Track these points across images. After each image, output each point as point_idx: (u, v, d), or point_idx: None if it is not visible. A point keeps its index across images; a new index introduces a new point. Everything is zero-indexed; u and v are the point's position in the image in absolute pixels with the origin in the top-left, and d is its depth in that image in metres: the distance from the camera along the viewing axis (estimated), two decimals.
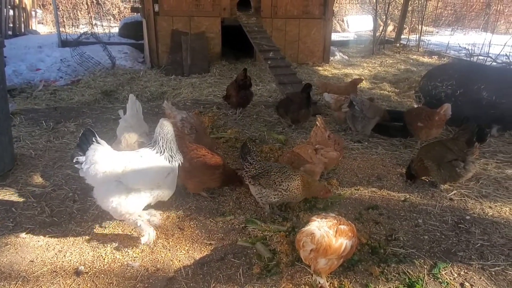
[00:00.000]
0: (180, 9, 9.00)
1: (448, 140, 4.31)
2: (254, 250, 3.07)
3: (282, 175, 3.34)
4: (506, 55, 9.51)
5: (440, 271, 2.88)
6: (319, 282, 2.69)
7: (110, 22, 14.28)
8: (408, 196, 3.93)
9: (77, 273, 2.79)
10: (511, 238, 3.31)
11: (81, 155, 2.83)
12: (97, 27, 12.76)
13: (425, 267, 2.93)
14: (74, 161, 2.82)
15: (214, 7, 9.24)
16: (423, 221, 3.52)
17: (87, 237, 3.17)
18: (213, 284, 2.73)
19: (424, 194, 4.01)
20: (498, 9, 17.93)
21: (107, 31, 12.16)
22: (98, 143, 2.87)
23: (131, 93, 4.13)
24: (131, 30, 11.13)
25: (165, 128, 3.14)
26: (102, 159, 2.84)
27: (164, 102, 4.60)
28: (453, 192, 4.04)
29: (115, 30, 12.73)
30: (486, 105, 5.55)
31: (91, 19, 13.52)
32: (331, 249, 2.50)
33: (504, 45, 10.31)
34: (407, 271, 2.87)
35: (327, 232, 2.51)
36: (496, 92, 5.55)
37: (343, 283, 2.73)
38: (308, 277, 2.78)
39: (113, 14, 15.30)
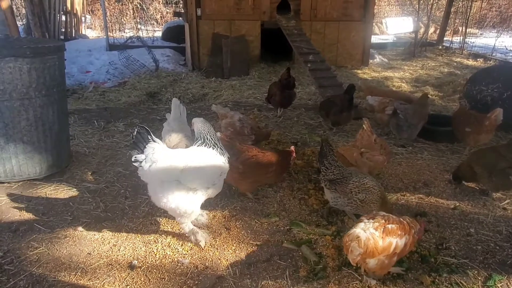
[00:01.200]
0: (221, 13, 9.19)
1: (501, 146, 4.13)
2: (300, 253, 3.08)
3: (361, 186, 3.24)
4: None
5: (495, 284, 2.76)
6: (370, 283, 2.69)
7: (153, 27, 14.81)
8: (458, 204, 3.80)
9: (131, 267, 2.91)
10: None
11: (139, 154, 2.84)
12: (141, 31, 13.27)
13: (479, 278, 2.83)
14: (133, 159, 2.85)
15: (254, 10, 9.36)
16: (475, 230, 3.39)
17: (139, 233, 3.31)
18: (261, 285, 2.77)
19: (475, 202, 3.86)
20: None
21: (151, 35, 12.63)
22: (155, 141, 2.88)
23: (174, 97, 4.25)
24: (173, 34, 11.52)
25: (206, 124, 3.12)
26: (162, 158, 2.86)
27: (212, 105, 4.72)
28: (506, 201, 3.87)
29: (159, 34, 13.18)
30: None
31: (136, 23, 14.09)
32: (378, 250, 2.51)
33: None
34: (460, 281, 2.78)
35: (373, 234, 2.53)
36: None
37: None
38: (356, 283, 2.75)
39: (156, 19, 15.88)
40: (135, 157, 2.85)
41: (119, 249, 3.11)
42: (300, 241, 3.22)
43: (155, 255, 3.05)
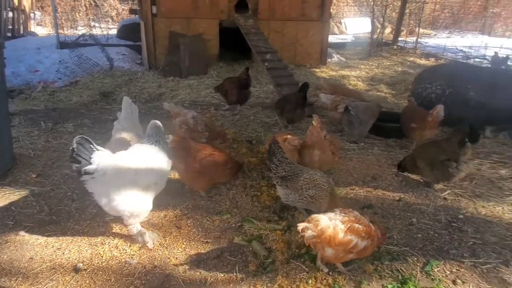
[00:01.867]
0: (178, 11, 9.05)
1: (442, 140, 4.38)
2: (250, 248, 3.12)
3: (311, 182, 3.29)
4: (502, 57, 9.60)
5: (432, 268, 2.94)
6: (322, 270, 2.84)
7: (108, 24, 14.34)
8: (402, 196, 3.99)
9: (76, 270, 2.83)
10: (503, 236, 3.37)
11: (87, 164, 2.72)
12: (95, 29, 12.79)
13: (418, 264, 2.99)
14: (83, 173, 2.70)
15: (212, 9, 9.29)
16: (417, 220, 3.57)
17: (85, 235, 3.22)
18: (210, 281, 2.78)
19: (418, 193, 4.07)
20: (495, 11, 18.10)
21: (105, 32, 12.19)
22: (98, 150, 2.81)
23: (125, 96, 4.15)
24: (129, 32, 11.18)
25: (157, 123, 3.22)
26: (113, 164, 2.83)
27: (164, 104, 4.64)
28: (447, 192, 4.11)
29: (114, 32, 12.78)
30: (474, 105, 5.62)
31: (90, 21, 13.58)
32: (335, 241, 2.64)
33: (501, 47, 10.42)
34: (400, 268, 2.93)
35: (336, 225, 2.66)
36: (483, 93, 5.63)
37: (337, 280, 2.78)
38: (303, 274, 2.83)
39: (111, 16, 15.36)
40: (85, 169, 2.71)
41: (63, 253, 3.01)
42: (251, 237, 3.26)
43: (102, 257, 2.98)
